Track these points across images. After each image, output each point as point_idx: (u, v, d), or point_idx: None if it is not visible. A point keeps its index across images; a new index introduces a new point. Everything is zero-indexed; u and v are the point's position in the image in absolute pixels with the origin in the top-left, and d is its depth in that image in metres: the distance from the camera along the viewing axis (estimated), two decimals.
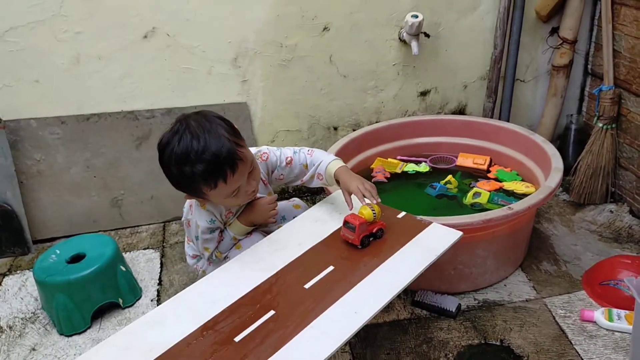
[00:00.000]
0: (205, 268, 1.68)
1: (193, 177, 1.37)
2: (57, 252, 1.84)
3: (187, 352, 1.15)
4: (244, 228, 1.59)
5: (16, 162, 2.14)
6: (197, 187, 1.41)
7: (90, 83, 2.12)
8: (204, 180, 1.38)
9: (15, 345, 1.75)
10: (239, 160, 1.38)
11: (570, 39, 2.29)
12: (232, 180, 1.39)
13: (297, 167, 1.62)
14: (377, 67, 2.30)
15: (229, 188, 1.41)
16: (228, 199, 1.46)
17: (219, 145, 1.36)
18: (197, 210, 1.55)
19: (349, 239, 1.42)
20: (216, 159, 1.35)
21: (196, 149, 1.35)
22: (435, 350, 1.58)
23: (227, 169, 1.37)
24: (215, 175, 1.37)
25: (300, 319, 1.22)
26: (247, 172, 1.44)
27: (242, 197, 1.48)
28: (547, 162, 1.87)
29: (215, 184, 1.38)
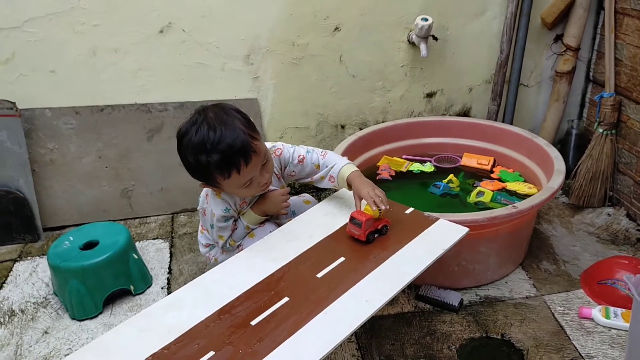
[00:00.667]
0: (218, 256, 1.73)
1: (208, 166, 1.43)
2: (70, 239, 1.88)
3: (205, 334, 1.20)
4: (257, 218, 1.65)
5: (30, 150, 2.18)
6: (211, 176, 1.46)
7: (105, 75, 2.16)
8: (218, 170, 1.43)
9: (28, 328, 1.80)
10: (253, 152, 1.44)
11: (573, 46, 2.35)
12: (245, 172, 1.45)
13: (308, 166, 1.67)
14: (386, 68, 2.35)
15: (242, 179, 1.46)
16: (241, 189, 1.51)
17: (233, 137, 1.41)
18: (213, 199, 1.60)
19: (355, 235, 1.47)
20: (230, 150, 1.41)
21: (212, 139, 1.40)
22: (438, 342, 1.63)
23: (240, 160, 1.42)
24: (229, 166, 1.42)
25: (314, 305, 1.27)
26: (261, 164, 1.49)
27: (255, 188, 1.53)
28: (549, 164, 1.93)
29: (229, 174, 1.43)
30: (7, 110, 2.08)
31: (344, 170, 1.62)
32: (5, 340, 1.74)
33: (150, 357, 1.14)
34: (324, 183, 1.68)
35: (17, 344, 1.73)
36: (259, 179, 1.51)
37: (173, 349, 1.16)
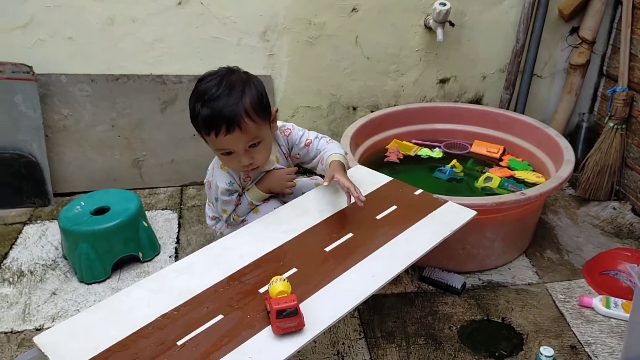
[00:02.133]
0: (223, 230, 1.75)
1: (197, 116, 1.48)
2: (82, 204, 1.91)
3: (214, 298, 1.22)
4: (260, 194, 1.66)
5: (44, 115, 2.20)
6: (198, 127, 1.52)
7: (122, 44, 2.18)
8: (202, 123, 1.48)
9: (37, 288, 1.83)
10: (237, 126, 1.45)
11: (589, 39, 2.36)
12: (222, 140, 1.47)
13: (313, 151, 1.70)
14: (401, 52, 2.36)
15: (218, 144, 1.49)
16: (223, 156, 1.55)
17: (229, 103, 1.45)
18: (218, 172, 1.63)
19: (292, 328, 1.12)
20: (218, 112, 1.44)
21: (212, 94, 1.45)
22: (440, 322, 1.66)
23: (222, 126, 1.44)
24: (210, 126, 1.46)
25: (321, 277, 1.29)
26: (245, 143, 1.49)
27: (235, 163, 1.55)
28: (559, 154, 1.94)
29: (208, 132, 1.48)
30: (23, 74, 2.10)
31: (333, 155, 1.62)
32: (14, 299, 1.78)
33: (160, 317, 1.17)
34: (318, 167, 1.70)
35: (25, 303, 1.76)
36: (241, 157, 1.51)
37: (183, 310, 1.19)
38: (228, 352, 1.07)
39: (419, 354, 1.54)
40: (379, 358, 1.53)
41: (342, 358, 1.54)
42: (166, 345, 1.10)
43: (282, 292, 1.13)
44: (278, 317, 1.09)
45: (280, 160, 1.69)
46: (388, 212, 1.54)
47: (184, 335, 1.12)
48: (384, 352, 1.55)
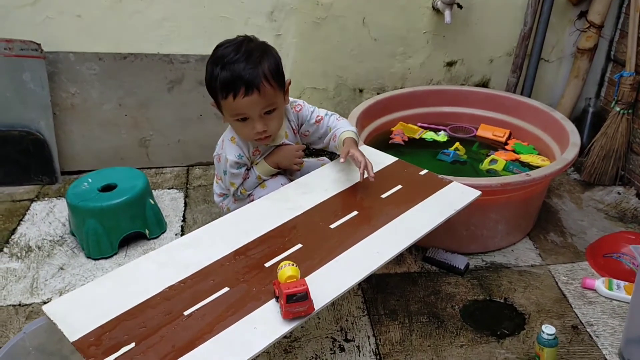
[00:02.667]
0: (230, 206, 1.77)
1: (215, 79, 1.50)
2: (89, 181, 1.93)
3: (221, 272, 1.24)
4: (268, 168, 1.67)
5: (52, 93, 2.21)
6: (215, 91, 1.53)
7: (130, 22, 2.18)
8: (220, 86, 1.49)
9: (44, 263, 1.85)
10: (255, 89, 1.47)
11: (597, 24, 2.34)
12: (240, 102, 1.48)
13: (324, 127, 1.71)
14: (408, 34, 2.35)
15: (235, 107, 1.50)
16: (237, 122, 1.55)
17: (248, 67, 1.47)
18: (228, 144, 1.64)
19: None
20: (237, 74, 1.46)
21: (231, 58, 1.48)
22: (442, 301, 1.68)
23: (241, 87, 1.47)
24: (229, 87, 1.48)
25: (326, 253, 1.31)
26: (261, 108, 1.52)
27: (249, 130, 1.55)
28: (565, 138, 1.95)
29: (226, 94, 1.49)
30: (32, 52, 2.11)
31: (347, 132, 1.65)
32: (22, 274, 1.80)
33: (167, 288, 1.19)
34: (330, 145, 1.71)
35: (33, 278, 1.78)
36: (255, 123, 1.53)
37: (189, 282, 1.21)
38: (234, 323, 1.10)
39: (422, 331, 1.56)
40: (381, 334, 1.55)
41: (345, 334, 1.56)
42: (173, 315, 1.12)
43: (291, 276, 1.12)
44: (288, 302, 1.08)
45: (289, 136, 1.70)
46: (393, 191, 1.55)
47: (190, 306, 1.14)
48: (386, 328, 1.57)
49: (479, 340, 1.54)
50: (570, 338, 1.54)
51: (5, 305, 1.67)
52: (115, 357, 1.02)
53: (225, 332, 1.08)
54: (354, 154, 1.53)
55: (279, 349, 1.51)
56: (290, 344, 1.53)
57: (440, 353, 1.50)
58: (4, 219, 2.08)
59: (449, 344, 1.52)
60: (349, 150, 1.55)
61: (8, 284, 1.76)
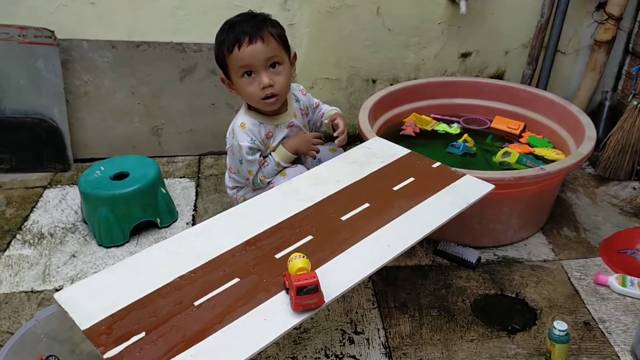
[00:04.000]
0: (246, 195, 1.77)
1: (222, 42, 1.58)
2: (101, 169, 1.93)
3: (232, 262, 1.24)
4: (287, 154, 1.70)
5: (65, 81, 2.21)
6: (222, 54, 1.59)
7: (144, 11, 2.17)
8: (227, 44, 1.56)
9: (56, 250, 1.86)
10: (259, 38, 1.54)
11: (616, 15, 2.30)
12: (245, 51, 1.53)
13: (319, 112, 1.86)
14: (423, 24, 2.33)
15: (240, 59, 1.55)
16: (243, 79, 1.59)
17: (252, 23, 1.56)
18: (239, 131, 1.66)
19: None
20: (241, 25, 1.55)
21: (236, 21, 1.59)
22: (453, 295, 1.67)
23: (244, 37, 1.53)
24: (234, 37, 1.54)
25: (337, 245, 1.30)
26: (266, 58, 1.56)
27: (255, 87, 1.59)
28: (580, 131, 1.92)
29: (231, 48, 1.55)
30: (45, 39, 2.11)
31: (334, 109, 1.86)
32: (34, 260, 1.81)
33: (178, 278, 1.19)
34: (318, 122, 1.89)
35: (45, 265, 1.80)
36: (262, 76, 1.57)
37: (200, 273, 1.21)
38: (244, 314, 1.09)
39: (432, 325, 1.55)
40: (391, 327, 1.55)
41: (355, 326, 1.55)
42: (183, 305, 1.12)
43: (301, 268, 1.11)
44: (298, 294, 1.08)
45: (297, 116, 1.75)
46: (405, 183, 1.54)
47: (201, 296, 1.14)
48: (396, 321, 1.57)
49: (490, 335, 1.53)
50: (582, 334, 1.53)
51: (18, 292, 1.68)
52: (125, 346, 1.03)
53: (235, 323, 1.08)
54: (338, 121, 1.75)
55: (289, 340, 1.51)
56: (300, 335, 1.53)
57: (451, 347, 1.49)
58: (17, 205, 2.09)
59: (459, 338, 1.52)
60: (335, 117, 1.77)
61: (21, 270, 1.77)
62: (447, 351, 1.48)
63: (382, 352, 1.47)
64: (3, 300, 1.65)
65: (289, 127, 1.73)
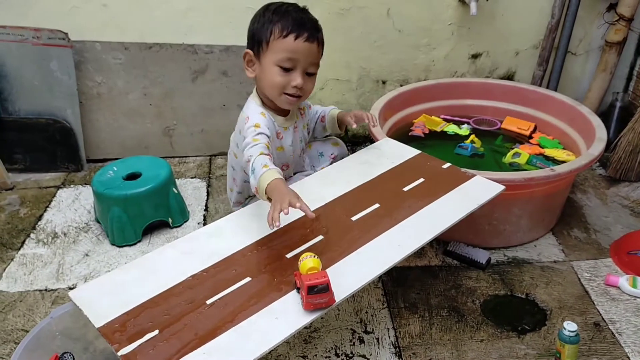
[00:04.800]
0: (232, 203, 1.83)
1: (275, 20, 1.47)
2: (114, 169, 1.95)
3: (243, 262, 1.26)
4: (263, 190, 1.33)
5: (78, 82, 2.24)
6: (268, 28, 1.48)
7: (156, 12, 2.19)
8: (282, 24, 1.46)
9: (70, 249, 1.89)
10: (316, 39, 1.50)
11: (627, 16, 2.30)
12: (300, 44, 1.46)
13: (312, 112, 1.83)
14: (432, 25, 2.33)
15: (291, 49, 1.46)
16: (278, 68, 1.49)
17: (311, 19, 1.52)
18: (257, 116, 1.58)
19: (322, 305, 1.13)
20: (304, 19, 1.50)
21: (293, 9, 1.52)
22: (463, 295, 1.67)
23: (305, 31, 1.47)
24: (293, 27, 1.46)
25: (347, 245, 1.31)
26: (311, 62, 1.52)
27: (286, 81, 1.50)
28: (591, 133, 1.92)
29: (287, 33, 1.46)
30: (59, 41, 2.14)
31: (333, 109, 1.81)
32: (48, 259, 1.84)
33: (190, 277, 1.21)
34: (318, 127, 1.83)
35: (59, 263, 1.82)
36: (297, 76, 1.50)
37: (212, 272, 1.22)
38: (255, 312, 1.11)
39: (442, 325, 1.56)
40: (401, 327, 1.56)
41: (365, 326, 1.56)
42: (196, 303, 1.13)
43: (312, 268, 1.13)
44: (309, 293, 1.09)
45: (298, 116, 1.73)
46: (415, 184, 1.55)
47: (213, 295, 1.16)
48: (406, 321, 1.57)
49: (500, 335, 1.53)
50: (592, 335, 1.53)
51: (32, 290, 1.70)
52: (139, 343, 1.04)
53: (247, 322, 1.09)
54: (355, 112, 1.73)
55: (299, 339, 1.52)
56: (310, 334, 1.54)
57: (460, 347, 1.49)
58: (31, 205, 2.12)
59: (469, 339, 1.52)
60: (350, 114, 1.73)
61: (35, 269, 1.79)
62: (457, 351, 1.48)
63: (392, 351, 1.48)
64: (18, 298, 1.67)
65: (294, 130, 1.70)
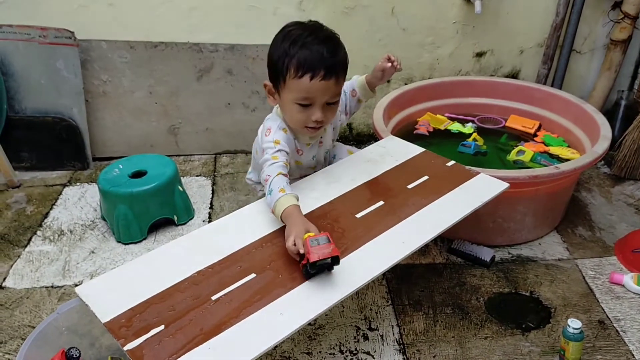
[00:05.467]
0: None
1: (291, 56, 1.38)
2: (120, 167, 1.97)
3: (248, 258, 1.26)
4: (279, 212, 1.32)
5: (84, 81, 2.25)
6: (285, 67, 1.40)
7: (161, 11, 2.21)
8: (297, 64, 1.38)
9: (76, 247, 1.90)
10: (334, 75, 1.40)
11: (632, 14, 2.30)
12: (316, 84, 1.38)
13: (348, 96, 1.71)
14: (437, 24, 2.34)
15: (307, 89, 1.40)
16: (297, 106, 1.43)
17: (329, 52, 1.38)
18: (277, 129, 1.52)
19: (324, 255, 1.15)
20: (320, 55, 1.37)
21: (311, 40, 1.39)
22: (467, 293, 1.67)
23: (321, 70, 1.37)
24: (308, 67, 1.37)
25: (351, 242, 1.32)
26: (330, 96, 1.43)
27: (305, 117, 1.44)
28: (596, 131, 1.92)
29: (302, 74, 1.38)
30: (65, 39, 2.15)
31: (360, 78, 1.69)
32: (54, 256, 1.85)
33: (195, 273, 1.21)
34: (351, 104, 1.71)
35: (65, 260, 1.83)
36: (317, 111, 1.43)
37: (217, 268, 1.23)
38: (260, 308, 1.12)
39: (446, 322, 1.56)
40: (405, 324, 1.56)
41: (369, 323, 1.57)
42: (201, 299, 1.14)
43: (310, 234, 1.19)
44: (312, 245, 1.14)
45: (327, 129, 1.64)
46: (419, 182, 1.55)
47: (218, 290, 1.16)
48: (410, 318, 1.58)
49: (504, 333, 1.53)
50: (596, 333, 1.53)
51: (39, 287, 1.72)
52: (145, 338, 1.05)
53: (252, 318, 1.10)
54: (377, 67, 1.60)
55: (304, 335, 1.53)
56: (315, 331, 1.54)
57: (464, 344, 1.50)
58: (37, 203, 2.13)
59: (473, 336, 1.52)
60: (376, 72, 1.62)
61: (41, 266, 1.81)
62: (461, 348, 1.48)
63: (396, 348, 1.49)
64: (24, 295, 1.68)
65: (319, 145, 1.64)
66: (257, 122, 1.64)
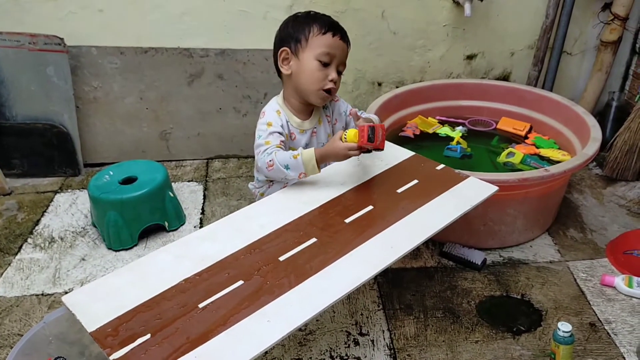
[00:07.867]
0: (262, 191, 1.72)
1: (310, 19, 1.59)
2: (110, 173, 1.96)
3: (236, 265, 1.26)
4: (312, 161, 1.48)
5: (74, 87, 2.25)
6: (307, 28, 1.57)
7: (151, 17, 2.20)
8: (319, 24, 1.57)
9: (67, 254, 1.89)
10: (347, 41, 1.61)
11: (622, 16, 2.30)
12: (337, 42, 1.57)
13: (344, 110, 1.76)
14: (428, 27, 2.34)
15: (330, 44, 1.56)
16: (317, 62, 1.56)
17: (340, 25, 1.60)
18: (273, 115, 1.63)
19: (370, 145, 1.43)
20: (336, 23, 1.60)
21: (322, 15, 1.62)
22: (459, 296, 1.67)
23: (339, 31, 1.58)
24: (330, 27, 1.57)
25: (340, 247, 1.31)
26: (342, 59, 1.61)
27: (323, 76, 1.57)
28: (586, 133, 1.92)
29: (326, 30, 1.56)
30: (55, 46, 2.15)
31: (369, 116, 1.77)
32: (44, 264, 1.84)
33: (183, 281, 1.20)
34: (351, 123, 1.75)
35: (55, 268, 1.82)
36: (333, 72, 1.58)
37: (205, 275, 1.22)
38: (247, 316, 1.11)
39: (437, 326, 1.56)
40: (396, 329, 1.56)
41: (360, 328, 1.57)
42: (188, 307, 1.13)
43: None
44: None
45: (322, 122, 1.70)
46: (409, 186, 1.55)
47: (205, 298, 1.15)
48: (401, 323, 1.58)
49: (495, 336, 1.53)
50: (587, 335, 1.53)
51: (29, 295, 1.71)
52: (131, 347, 1.04)
53: (239, 325, 1.09)
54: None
55: (294, 341, 1.52)
56: (305, 337, 1.54)
57: (455, 348, 1.50)
58: (28, 210, 2.13)
59: (464, 340, 1.52)
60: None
61: (32, 273, 1.80)
62: (452, 352, 1.48)
63: (387, 353, 1.48)
64: (14, 303, 1.68)
65: (312, 134, 1.69)
66: (248, 127, 1.66)
